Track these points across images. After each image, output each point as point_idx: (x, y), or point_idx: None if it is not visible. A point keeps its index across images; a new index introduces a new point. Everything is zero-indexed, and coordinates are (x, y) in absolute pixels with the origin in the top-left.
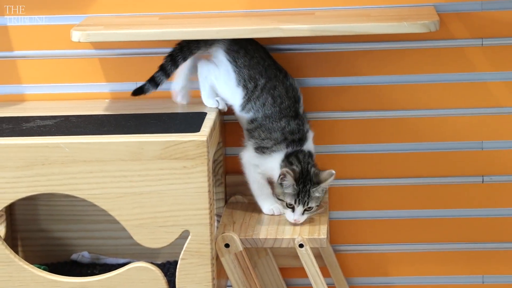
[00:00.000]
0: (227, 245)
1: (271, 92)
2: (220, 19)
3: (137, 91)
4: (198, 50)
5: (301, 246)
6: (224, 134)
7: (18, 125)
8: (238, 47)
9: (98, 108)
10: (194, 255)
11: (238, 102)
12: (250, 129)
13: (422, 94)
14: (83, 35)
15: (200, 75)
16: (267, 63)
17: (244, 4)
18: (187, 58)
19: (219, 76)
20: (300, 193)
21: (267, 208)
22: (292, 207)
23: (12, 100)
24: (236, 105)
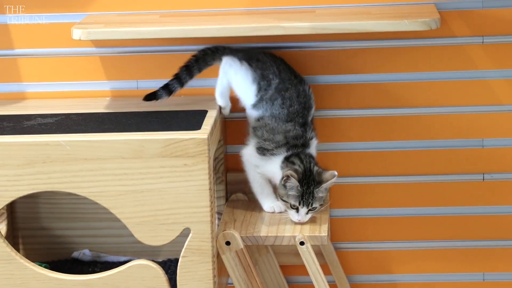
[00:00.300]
0: (228, 243)
1: (282, 93)
2: (221, 17)
3: (150, 97)
4: (214, 62)
5: (302, 244)
6: (225, 132)
7: (19, 123)
8: (252, 55)
9: (99, 106)
10: (195, 253)
11: (251, 100)
12: (256, 127)
13: (422, 92)
14: (84, 33)
15: (221, 69)
16: (282, 67)
17: (245, 2)
18: (202, 70)
19: (238, 71)
20: (304, 195)
21: (268, 206)
22: (296, 208)
23: (13, 98)
24: (249, 103)
